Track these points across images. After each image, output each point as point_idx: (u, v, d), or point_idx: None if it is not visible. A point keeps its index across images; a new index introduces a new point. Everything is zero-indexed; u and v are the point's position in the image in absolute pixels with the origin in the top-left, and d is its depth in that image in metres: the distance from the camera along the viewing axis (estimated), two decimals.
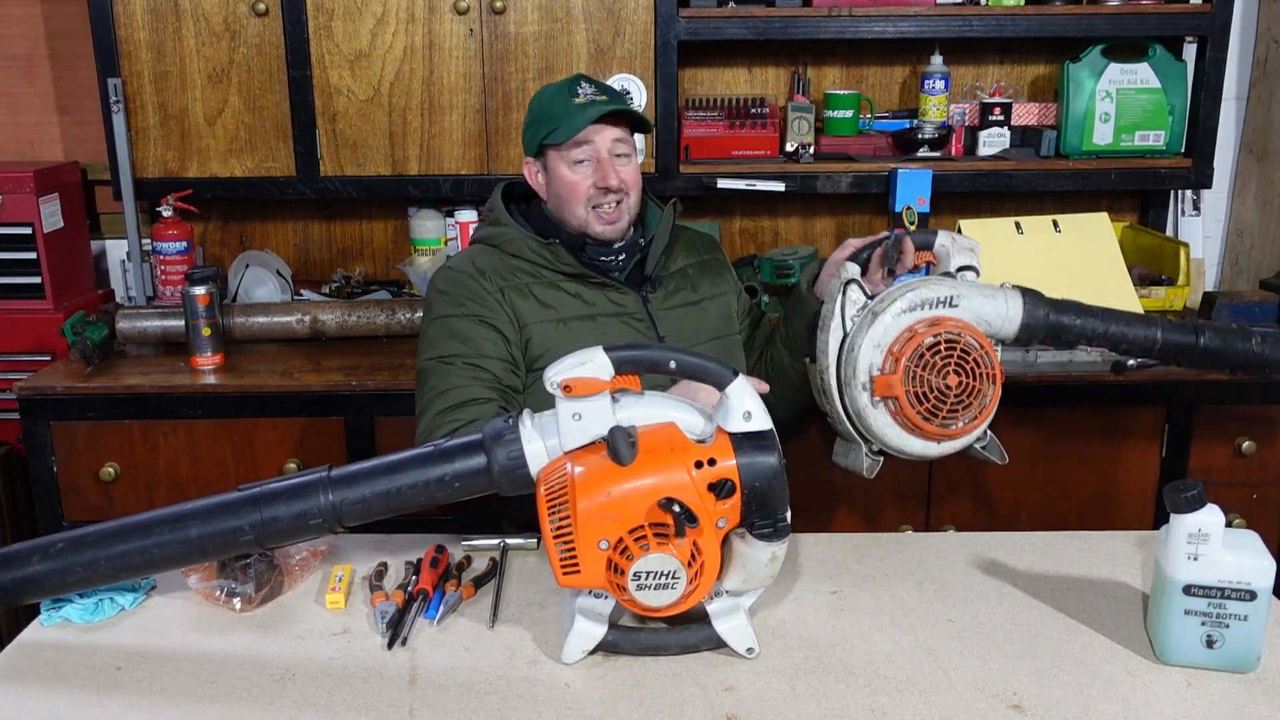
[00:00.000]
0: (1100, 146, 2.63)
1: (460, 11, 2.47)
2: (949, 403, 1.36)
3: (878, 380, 1.37)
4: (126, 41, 2.47)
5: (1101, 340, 1.47)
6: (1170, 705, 1.15)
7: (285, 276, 2.73)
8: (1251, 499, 2.35)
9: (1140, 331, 1.47)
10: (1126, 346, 1.48)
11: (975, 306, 1.42)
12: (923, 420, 1.37)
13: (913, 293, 1.40)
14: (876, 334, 1.39)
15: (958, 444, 1.42)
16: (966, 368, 1.37)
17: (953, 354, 1.36)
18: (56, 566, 1.26)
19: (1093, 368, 2.27)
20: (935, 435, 1.38)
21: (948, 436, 1.39)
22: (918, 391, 1.36)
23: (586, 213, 1.73)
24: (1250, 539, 1.20)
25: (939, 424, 1.37)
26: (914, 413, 1.36)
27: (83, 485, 2.29)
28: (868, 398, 1.39)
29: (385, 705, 1.15)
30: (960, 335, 1.36)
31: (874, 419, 1.40)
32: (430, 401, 1.63)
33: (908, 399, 1.36)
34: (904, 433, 1.40)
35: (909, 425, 1.38)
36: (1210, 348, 1.48)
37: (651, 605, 1.15)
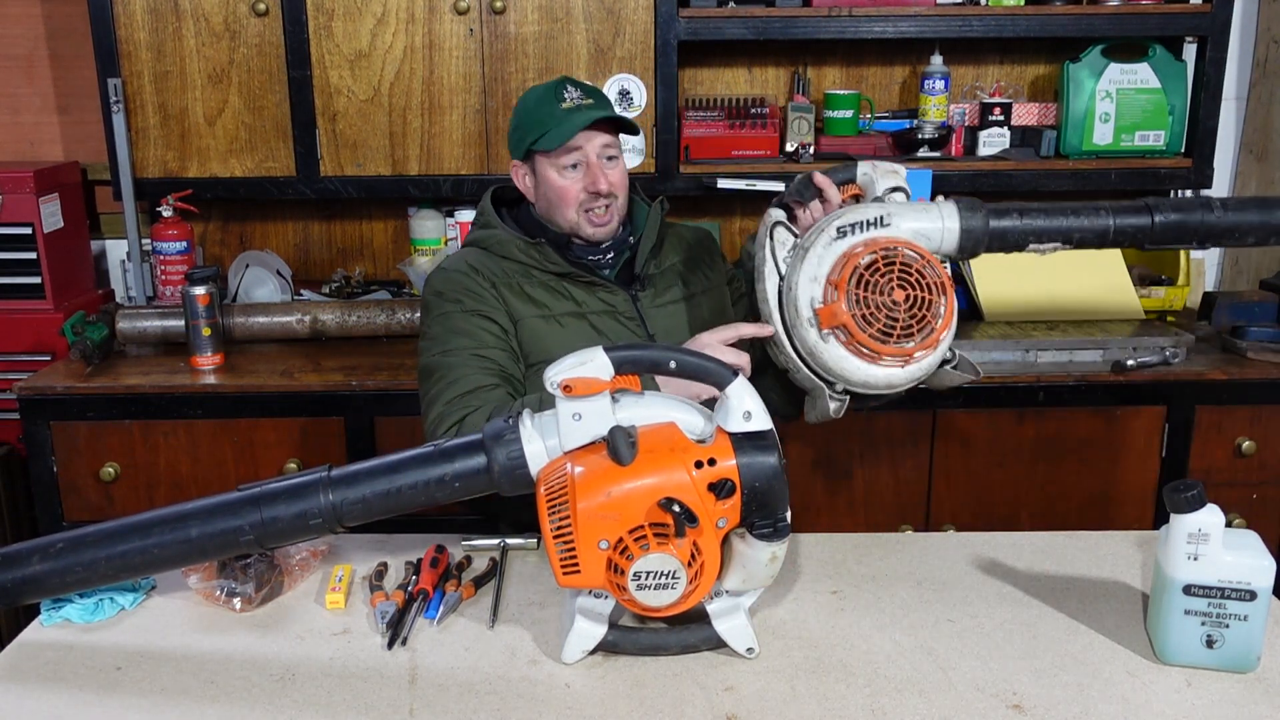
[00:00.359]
0: (1100, 146, 2.63)
1: (460, 11, 2.47)
2: (900, 319, 1.29)
3: (821, 312, 1.31)
4: (126, 41, 2.47)
5: (1052, 236, 1.38)
6: (1170, 705, 1.15)
7: (285, 276, 2.73)
8: (1251, 499, 2.35)
9: (1091, 221, 1.38)
10: (1080, 237, 1.38)
11: (909, 222, 1.35)
12: (878, 342, 1.29)
13: (839, 220, 1.35)
14: (810, 267, 1.34)
15: (924, 365, 1.34)
16: (911, 280, 1.30)
17: (893, 269, 1.30)
18: (56, 566, 1.26)
19: (1093, 368, 2.27)
20: (896, 357, 1.31)
21: (908, 356, 1.31)
22: (865, 314, 1.29)
23: (578, 216, 1.74)
24: (1250, 539, 1.20)
25: (895, 343, 1.30)
26: (867, 336, 1.29)
27: (83, 485, 2.29)
28: (816, 333, 1.33)
29: (385, 705, 1.15)
30: (898, 249, 1.31)
31: (828, 354, 1.33)
32: (439, 392, 1.62)
33: (857, 324, 1.29)
34: (863, 362, 1.32)
35: (866, 352, 1.31)
36: (1169, 223, 1.38)
37: (651, 605, 1.15)
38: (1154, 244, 1.40)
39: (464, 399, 1.59)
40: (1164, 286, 2.56)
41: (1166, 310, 2.57)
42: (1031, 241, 1.38)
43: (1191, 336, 2.33)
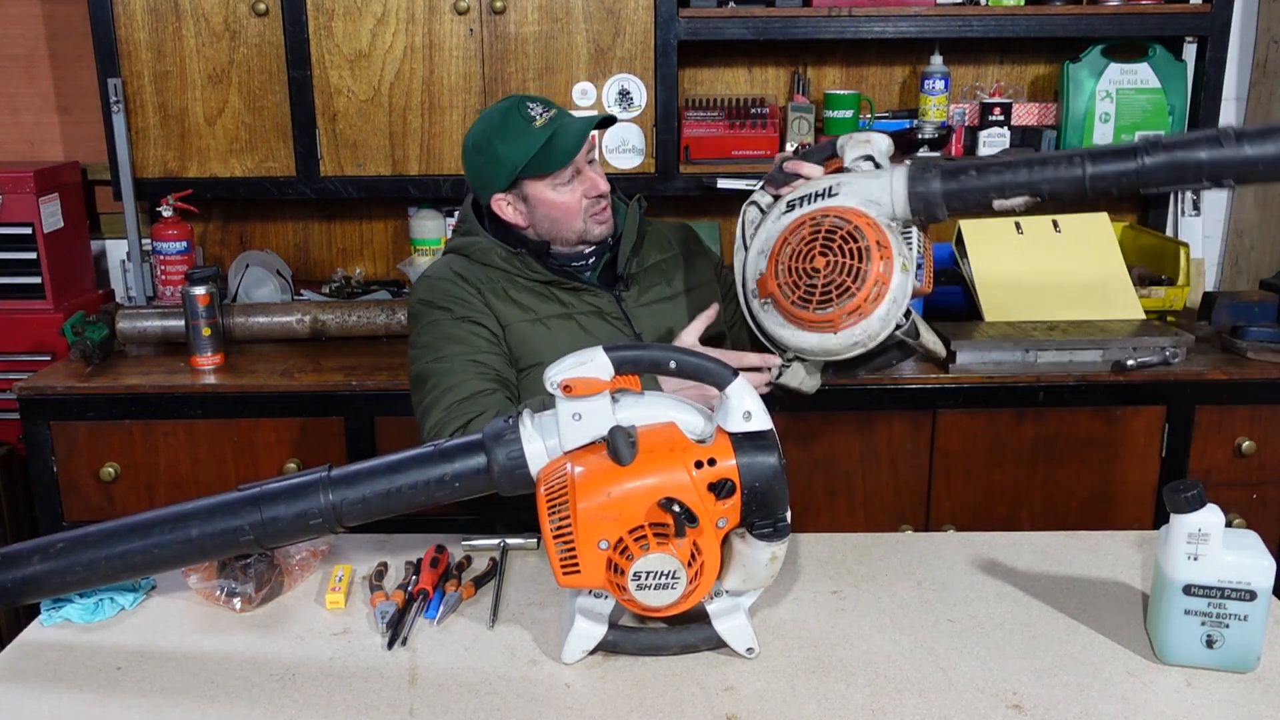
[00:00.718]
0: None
1: (460, 11, 2.47)
2: (820, 284, 1.30)
3: (759, 282, 1.35)
4: (126, 41, 2.47)
5: (1018, 189, 1.28)
6: (1170, 705, 1.15)
7: (285, 276, 2.73)
8: (1251, 499, 2.35)
9: (1061, 170, 1.26)
10: (1051, 189, 1.27)
11: (858, 189, 1.34)
12: (798, 308, 1.31)
13: (793, 194, 1.37)
14: (759, 241, 1.37)
15: (860, 331, 1.32)
16: (834, 246, 1.29)
17: (817, 236, 1.30)
18: (56, 566, 1.26)
19: (1093, 368, 2.27)
20: (819, 323, 1.31)
21: (830, 322, 1.30)
22: (788, 281, 1.32)
23: (585, 223, 1.73)
24: (1250, 539, 1.20)
25: (815, 309, 1.30)
26: (789, 303, 1.31)
27: (83, 485, 2.29)
28: (758, 303, 1.37)
29: (385, 705, 1.15)
30: (825, 217, 1.31)
31: (767, 322, 1.36)
32: (437, 398, 1.62)
33: (782, 292, 1.32)
34: (795, 329, 1.34)
35: (792, 317, 1.33)
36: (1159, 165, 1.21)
37: (651, 605, 1.15)
38: (1150, 189, 1.25)
39: (463, 405, 1.59)
40: (1164, 286, 2.56)
41: (1166, 310, 2.57)
42: (995, 198, 1.30)
43: (1191, 336, 2.33)
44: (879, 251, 1.28)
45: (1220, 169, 1.19)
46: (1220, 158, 1.19)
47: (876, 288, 1.28)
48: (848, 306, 1.29)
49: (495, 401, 1.60)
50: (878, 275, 1.28)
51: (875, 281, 1.28)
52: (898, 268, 1.29)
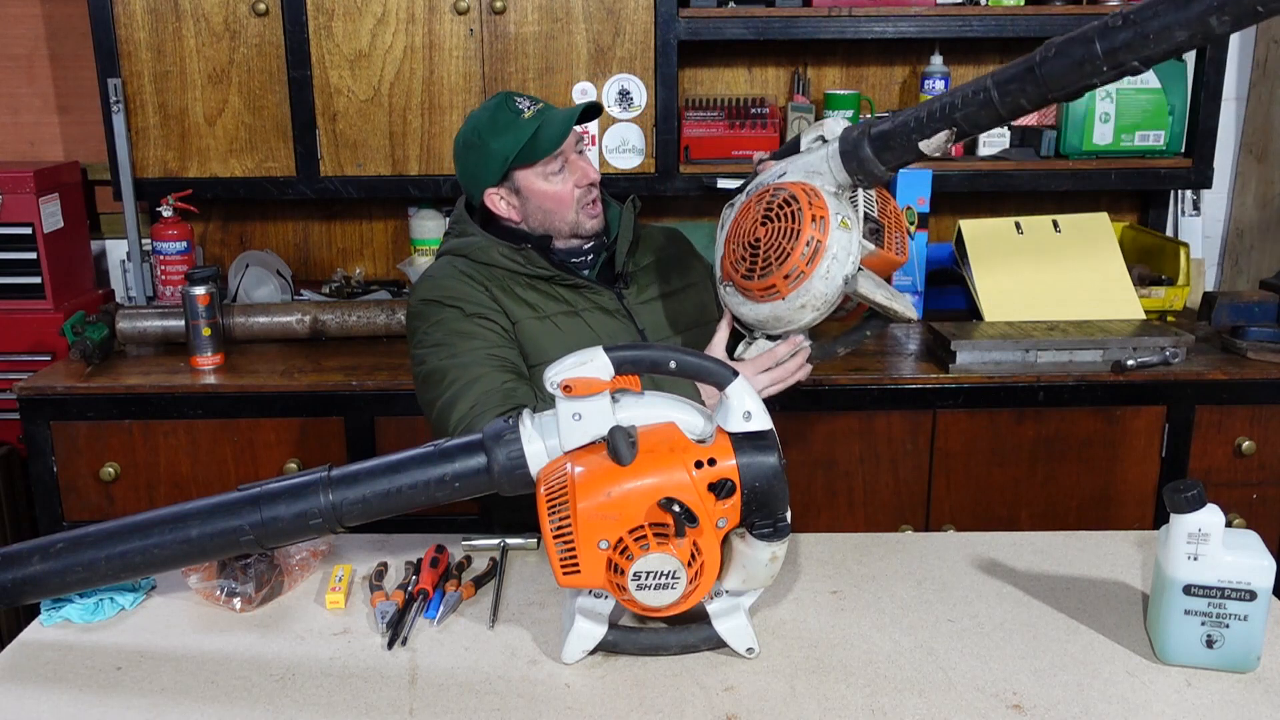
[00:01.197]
0: (1100, 146, 2.63)
1: (460, 11, 2.47)
2: (761, 253, 1.34)
3: (721, 267, 1.40)
4: (126, 41, 2.47)
5: (937, 122, 1.29)
6: (1170, 705, 1.15)
7: (285, 276, 2.73)
8: (1251, 499, 2.35)
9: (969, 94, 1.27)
10: (964, 115, 1.28)
11: (801, 165, 1.38)
12: (745, 280, 1.34)
13: (752, 183, 1.42)
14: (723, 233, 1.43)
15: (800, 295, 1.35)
16: (773, 215, 1.34)
17: (760, 211, 1.35)
18: (56, 566, 1.26)
19: (1093, 368, 2.27)
20: (766, 290, 1.34)
21: (773, 288, 1.34)
22: (737, 257, 1.36)
23: (577, 214, 1.74)
24: (1250, 539, 1.20)
25: (759, 277, 1.34)
26: (739, 277, 1.35)
27: (83, 485, 2.29)
28: (723, 289, 1.41)
29: (385, 705, 1.15)
30: (768, 193, 1.35)
31: (730, 303, 1.41)
32: (460, 392, 1.59)
33: (734, 269, 1.35)
34: (752, 303, 1.37)
35: (745, 291, 1.37)
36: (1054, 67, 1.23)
37: (651, 605, 1.15)
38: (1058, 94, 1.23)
39: (492, 397, 1.56)
40: (1164, 286, 2.56)
41: (1166, 310, 2.57)
42: (917, 138, 1.31)
43: (1191, 336, 2.33)
44: (811, 211, 1.31)
45: (1116, 52, 1.19)
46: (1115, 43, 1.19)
47: (810, 246, 1.31)
48: (785, 269, 1.32)
49: (527, 393, 1.59)
50: (811, 233, 1.30)
51: (808, 240, 1.30)
52: (834, 225, 1.31)
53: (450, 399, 1.59)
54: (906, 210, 2.55)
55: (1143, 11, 1.16)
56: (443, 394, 1.61)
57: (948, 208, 2.84)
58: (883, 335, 2.52)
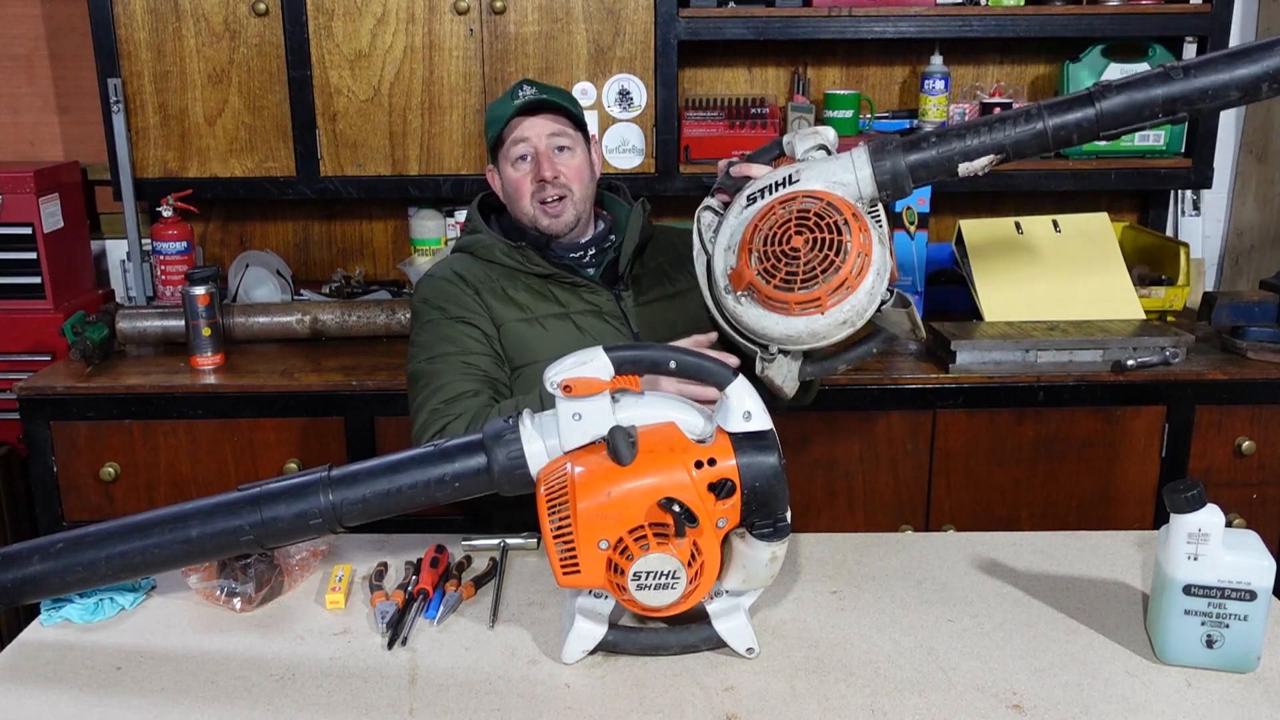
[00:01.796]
0: (1100, 147, 2.63)
1: (460, 11, 2.47)
2: (802, 263, 1.25)
3: (732, 275, 1.31)
4: (126, 41, 2.47)
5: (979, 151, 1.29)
6: (1170, 705, 1.15)
7: (285, 276, 2.73)
8: (1251, 499, 2.35)
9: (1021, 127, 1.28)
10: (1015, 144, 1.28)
11: (819, 173, 1.31)
12: (784, 292, 1.26)
13: (750, 188, 1.32)
14: (724, 238, 1.33)
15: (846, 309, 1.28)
16: (809, 224, 1.26)
17: (791, 218, 1.26)
18: (56, 566, 1.26)
19: (1093, 368, 2.27)
20: (806, 303, 1.26)
21: (817, 301, 1.26)
22: (768, 267, 1.26)
23: (533, 208, 1.77)
24: (1250, 539, 1.20)
25: (799, 289, 1.25)
26: (772, 289, 1.26)
27: (83, 485, 2.29)
28: (733, 298, 1.32)
29: (385, 705, 1.15)
30: (795, 199, 1.27)
31: (747, 316, 1.30)
32: (425, 399, 1.66)
33: (761, 279, 1.27)
34: (780, 316, 1.28)
35: (776, 304, 1.27)
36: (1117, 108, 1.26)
37: (651, 605, 1.15)
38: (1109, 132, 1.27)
39: (448, 405, 1.63)
40: (1164, 286, 2.56)
41: (1166, 310, 2.57)
42: (960, 162, 1.29)
43: (1191, 336, 2.33)
44: (856, 224, 1.25)
45: (1174, 102, 1.24)
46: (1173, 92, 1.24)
47: (860, 259, 1.25)
48: (834, 282, 1.25)
49: (477, 404, 1.63)
50: (860, 246, 1.25)
51: (858, 253, 1.25)
52: (875, 240, 1.27)
53: (419, 404, 1.66)
54: (907, 210, 2.55)
55: (1204, 68, 1.23)
56: (415, 396, 1.68)
57: (948, 208, 2.84)
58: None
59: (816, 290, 1.25)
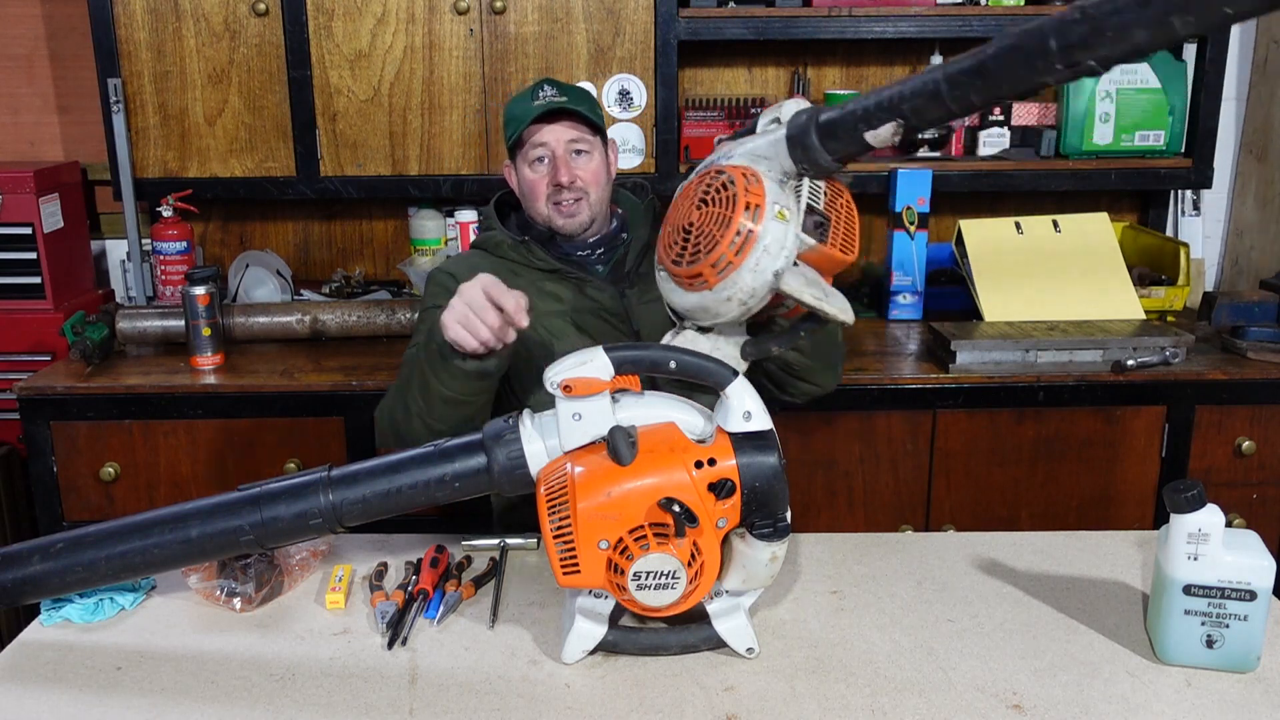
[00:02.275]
0: (1100, 146, 2.63)
1: (460, 11, 2.47)
2: (692, 238, 1.25)
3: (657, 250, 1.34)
4: (126, 41, 2.47)
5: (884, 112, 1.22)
6: (1170, 705, 1.15)
7: (285, 276, 2.73)
8: (1251, 499, 2.35)
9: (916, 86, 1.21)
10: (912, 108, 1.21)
11: (749, 149, 1.29)
12: (675, 265, 1.27)
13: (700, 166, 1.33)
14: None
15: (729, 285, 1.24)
16: (709, 198, 1.24)
17: (698, 191, 1.26)
18: (56, 566, 1.26)
19: (1093, 368, 2.27)
20: (693, 278, 1.25)
21: (700, 276, 1.24)
22: (669, 241, 1.29)
23: (548, 209, 1.78)
24: (1250, 539, 1.20)
25: (686, 264, 1.25)
26: (669, 261, 1.28)
27: (83, 485, 2.29)
28: (657, 273, 1.35)
29: (385, 705, 1.15)
30: (708, 172, 1.27)
31: (663, 288, 1.33)
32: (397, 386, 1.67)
33: (663, 250, 1.30)
34: (681, 290, 1.29)
35: (675, 277, 1.29)
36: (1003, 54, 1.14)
37: (651, 605, 1.15)
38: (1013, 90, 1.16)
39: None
40: (1164, 286, 2.56)
41: (1166, 310, 2.57)
42: (864, 129, 1.23)
43: (1191, 336, 2.32)
44: (746, 197, 1.22)
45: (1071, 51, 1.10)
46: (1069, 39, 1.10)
47: (740, 236, 1.22)
48: (712, 258, 1.22)
49: None
50: (742, 222, 1.22)
51: (739, 229, 1.22)
52: (769, 215, 1.22)
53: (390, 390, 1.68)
54: (907, 210, 2.55)
55: (1101, 7, 1.09)
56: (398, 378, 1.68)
57: (948, 208, 2.84)
58: (881, 335, 2.52)
59: (699, 266, 1.24)
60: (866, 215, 2.90)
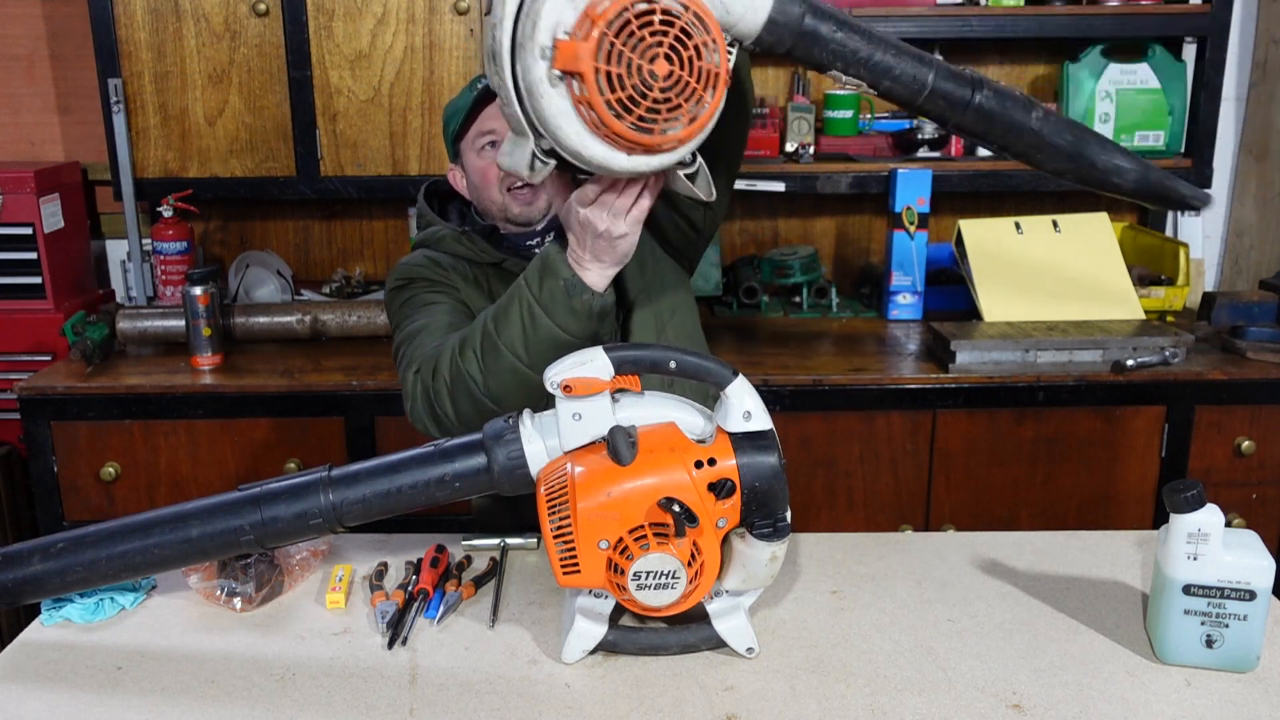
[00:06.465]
0: None
1: (460, 11, 2.47)
2: (651, 96, 1.05)
3: (562, 46, 1.04)
4: (127, 41, 2.47)
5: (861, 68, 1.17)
6: (1170, 705, 1.15)
7: (285, 276, 2.73)
8: (1251, 499, 2.35)
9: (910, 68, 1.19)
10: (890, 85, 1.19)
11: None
12: (612, 115, 1.05)
13: None
14: None
15: (653, 161, 1.11)
16: (683, 56, 1.05)
17: (669, 33, 1.04)
18: (56, 566, 1.26)
19: (1093, 368, 2.27)
20: (626, 141, 1.07)
21: (641, 145, 1.07)
22: (613, 72, 1.04)
23: (503, 196, 1.68)
24: (1250, 539, 1.20)
25: (633, 124, 1.06)
26: (601, 101, 1.04)
27: (83, 485, 2.29)
28: (545, 69, 1.06)
29: (385, 705, 1.15)
30: (685, 10, 1.05)
31: (549, 101, 1.06)
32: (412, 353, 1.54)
33: (596, 80, 1.04)
34: (585, 129, 1.07)
35: (593, 120, 1.06)
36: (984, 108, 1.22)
37: (651, 605, 1.15)
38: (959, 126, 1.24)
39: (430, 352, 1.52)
40: (1164, 286, 2.56)
41: (1166, 310, 2.57)
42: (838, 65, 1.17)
43: (1191, 336, 2.33)
44: (724, 80, 1.09)
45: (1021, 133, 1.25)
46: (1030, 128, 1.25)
47: (702, 124, 1.10)
48: (669, 137, 1.08)
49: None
50: (714, 111, 1.09)
51: (708, 118, 1.10)
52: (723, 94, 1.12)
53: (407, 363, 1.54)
54: (907, 210, 2.55)
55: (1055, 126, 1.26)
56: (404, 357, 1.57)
57: (948, 208, 2.84)
58: (881, 335, 2.53)
59: (649, 137, 1.08)
60: (867, 215, 2.92)
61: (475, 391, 1.43)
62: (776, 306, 2.75)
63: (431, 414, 1.48)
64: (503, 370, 1.40)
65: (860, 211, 2.91)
